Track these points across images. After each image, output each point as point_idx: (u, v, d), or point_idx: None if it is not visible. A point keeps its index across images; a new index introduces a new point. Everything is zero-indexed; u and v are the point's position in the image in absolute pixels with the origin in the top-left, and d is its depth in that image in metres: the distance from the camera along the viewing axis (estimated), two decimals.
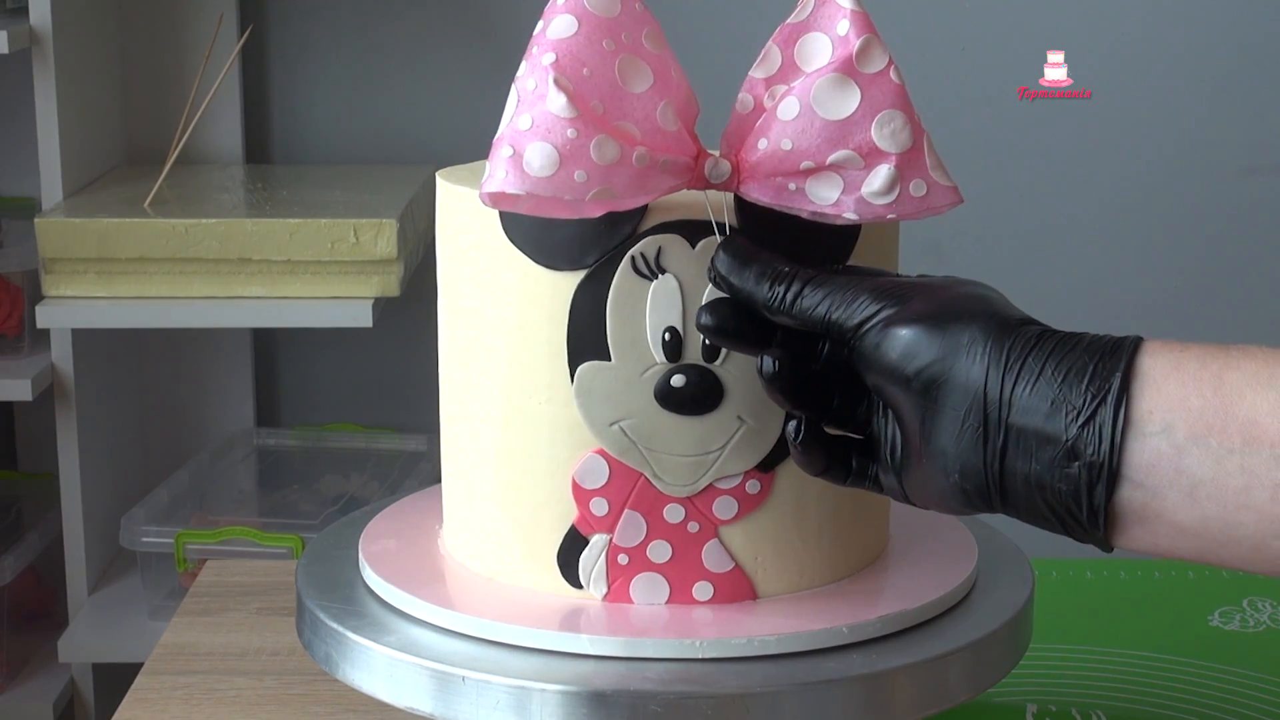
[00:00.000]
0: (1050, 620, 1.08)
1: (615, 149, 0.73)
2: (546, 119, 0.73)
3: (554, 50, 0.74)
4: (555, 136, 0.73)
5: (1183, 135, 2.17)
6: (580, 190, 0.73)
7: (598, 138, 0.73)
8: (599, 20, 0.75)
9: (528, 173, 0.73)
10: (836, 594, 0.82)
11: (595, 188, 0.73)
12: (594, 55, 0.74)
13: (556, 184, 0.72)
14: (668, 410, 0.78)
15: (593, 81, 0.74)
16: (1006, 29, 2.15)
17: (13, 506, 2.07)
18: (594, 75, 0.74)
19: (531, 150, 0.73)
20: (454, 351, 0.84)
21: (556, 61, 0.74)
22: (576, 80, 0.73)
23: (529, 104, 0.73)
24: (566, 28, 0.75)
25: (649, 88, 0.76)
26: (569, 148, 0.72)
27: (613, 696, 0.74)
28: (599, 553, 0.80)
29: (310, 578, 0.87)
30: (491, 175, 0.73)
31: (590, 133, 0.72)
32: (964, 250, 2.19)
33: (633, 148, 0.73)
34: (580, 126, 0.72)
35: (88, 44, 2.00)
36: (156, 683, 1.03)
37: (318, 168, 2.16)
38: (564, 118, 0.73)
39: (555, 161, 0.72)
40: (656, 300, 0.78)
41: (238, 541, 1.86)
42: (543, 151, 0.72)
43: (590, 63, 0.74)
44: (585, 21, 0.75)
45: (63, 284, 1.82)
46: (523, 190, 0.72)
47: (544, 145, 0.72)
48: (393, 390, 2.23)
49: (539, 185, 0.72)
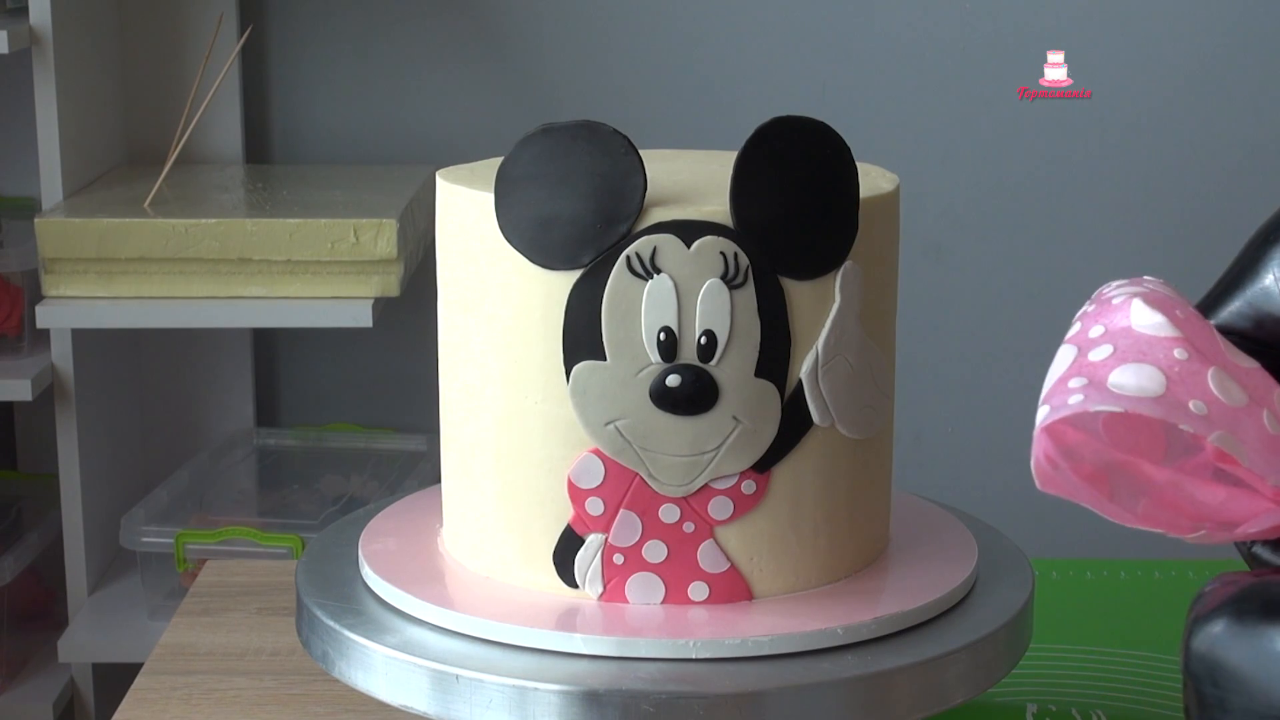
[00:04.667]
0: (1050, 620, 1.08)
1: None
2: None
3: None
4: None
5: (1183, 135, 2.17)
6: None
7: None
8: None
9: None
10: (833, 595, 0.82)
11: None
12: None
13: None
14: (663, 410, 0.78)
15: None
16: (1006, 29, 2.15)
17: (13, 506, 2.07)
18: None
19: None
20: (452, 351, 0.84)
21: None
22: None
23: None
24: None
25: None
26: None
27: (606, 696, 0.75)
28: (594, 552, 0.80)
29: (310, 577, 0.87)
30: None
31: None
32: (964, 250, 2.19)
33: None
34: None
35: (88, 44, 2.00)
36: (156, 683, 1.03)
37: (318, 168, 2.16)
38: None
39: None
40: (652, 300, 0.78)
41: (238, 541, 1.86)
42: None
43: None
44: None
45: (63, 284, 1.82)
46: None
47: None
48: (393, 390, 2.23)
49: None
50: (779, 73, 2.16)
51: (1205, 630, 0.70)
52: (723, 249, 0.78)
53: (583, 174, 0.78)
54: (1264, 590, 0.70)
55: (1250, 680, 0.69)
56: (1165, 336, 0.71)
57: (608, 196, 0.78)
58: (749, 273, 0.78)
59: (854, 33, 2.16)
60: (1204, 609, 0.71)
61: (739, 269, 0.78)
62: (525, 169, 0.79)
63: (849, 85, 2.16)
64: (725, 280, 0.78)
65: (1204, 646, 0.71)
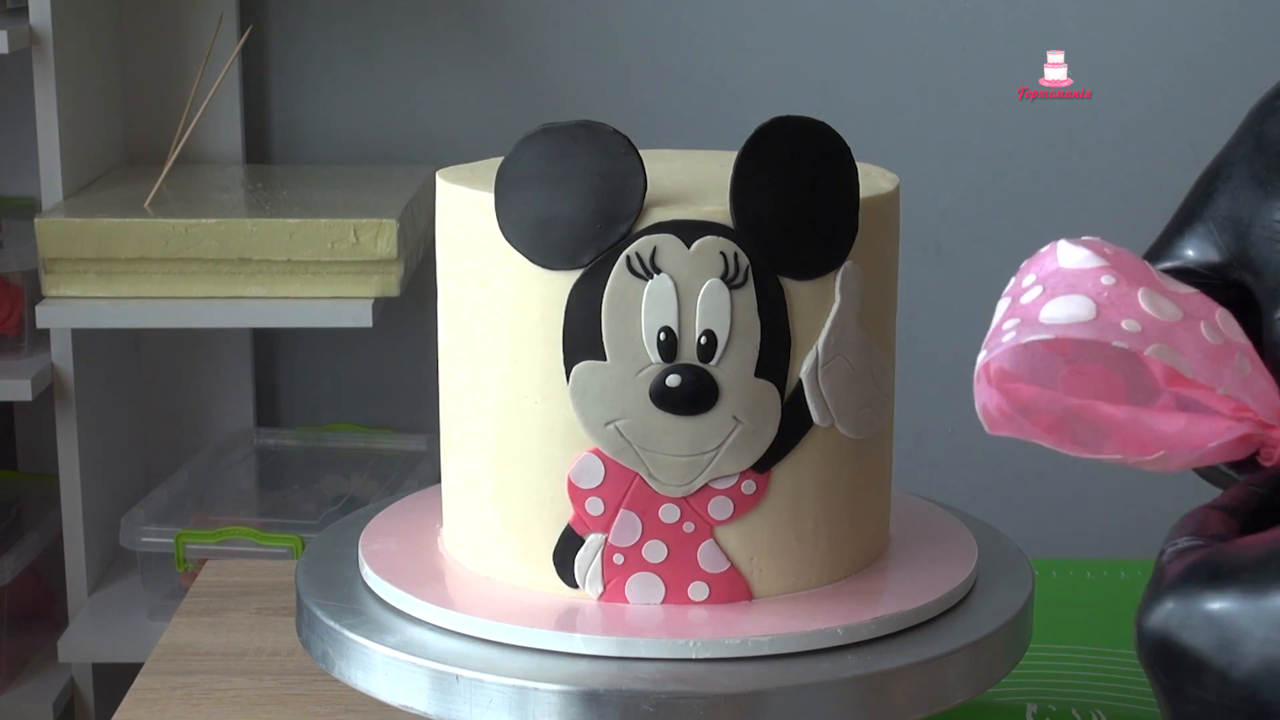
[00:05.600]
0: (1050, 620, 1.08)
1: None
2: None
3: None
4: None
5: (1182, 135, 2.17)
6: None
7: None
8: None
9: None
10: (833, 595, 0.82)
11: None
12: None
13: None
14: (663, 410, 0.78)
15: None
16: (1006, 29, 2.15)
17: (13, 506, 2.07)
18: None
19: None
20: (452, 351, 0.84)
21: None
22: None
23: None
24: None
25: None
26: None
27: (606, 696, 0.75)
28: (594, 552, 0.80)
29: (310, 577, 0.87)
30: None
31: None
32: (964, 250, 2.19)
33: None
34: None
35: (88, 44, 2.00)
36: (156, 683, 1.03)
37: (318, 168, 2.16)
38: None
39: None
40: (651, 300, 0.78)
41: (238, 541, 1.86)
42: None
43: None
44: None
45: (63, 284, 1.82)
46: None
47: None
48: (393, 390, 2.23)
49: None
50: (779, 73, 2.16)
51: (1153, 613, 0.65)
52: (723, 249, 0.78)
53: (583, 174, 0.78)
54: (1210, 559, 0.64)
55: (1208, 664, 0.63)
56: (1092, 267, 0.71)
57: (608, 196, 0.78)
58: (749, 273, 0.78)
59: (854, 33, 2.16)
60: (1152, 590, 0.66)
61: (739, 269, 0.78)
62: (525, 169, 0.79)
63: (849, 85, 2.16)
64: (725, 280, 0.78)
65: (1154, 630, 0.65)
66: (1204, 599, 0.64)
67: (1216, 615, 0.64)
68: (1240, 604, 0.63)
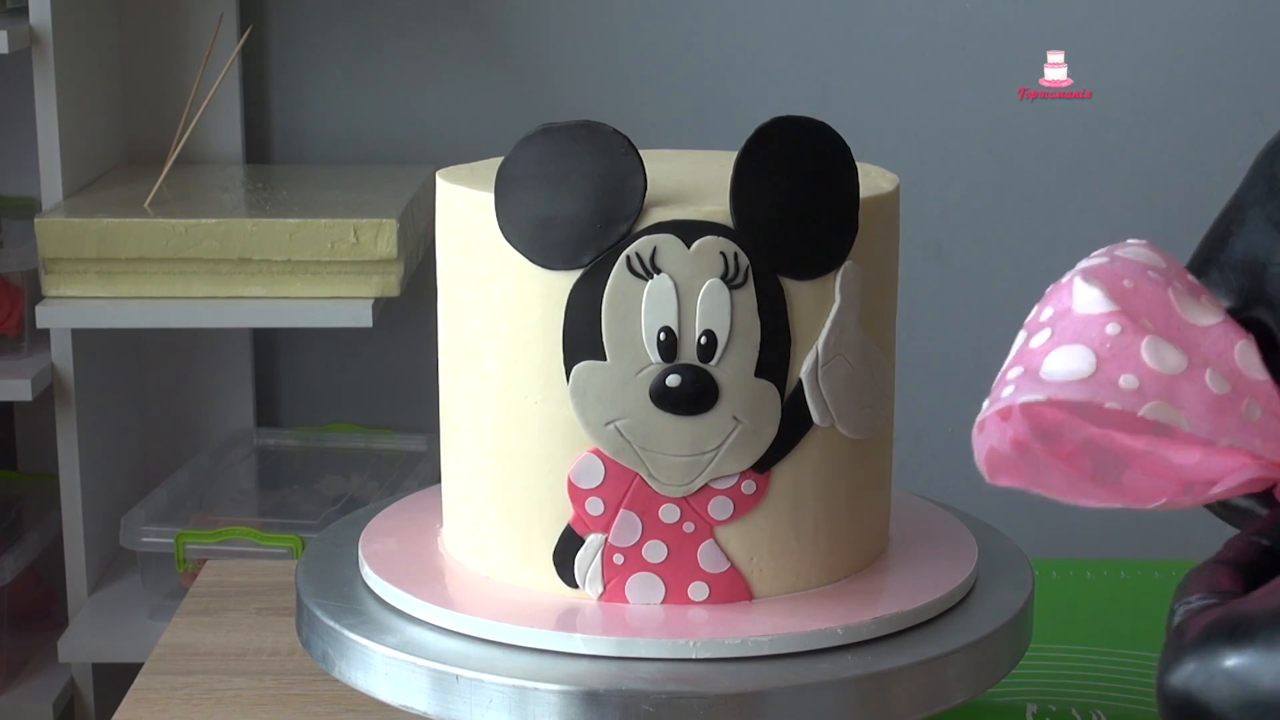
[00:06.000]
0: (1050, 620, 1.08)
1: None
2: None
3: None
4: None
5: (1182, 135, 2.17)
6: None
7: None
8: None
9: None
10: (833, 595, 0.82)
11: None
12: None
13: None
14: (663, 410, 0.78)
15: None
16: (1006, 29, 2.15)
17: (13, 506, 2.07)
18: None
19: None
20: (452, 351, 0.84)
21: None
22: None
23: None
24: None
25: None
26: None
27: (606, 696, 0.75)
28: (594, 552, 0.80)
29: (310, 577, 0.87)
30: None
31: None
32: (964, 250, 2.19)
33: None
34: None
35: (88, 44, 2.00)
36: (156, 683, 1.03)
37: (318, 168, 2.16)
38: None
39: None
40: (651, 300, 0.78)
41: (238, 541, 1.86)
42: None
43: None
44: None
45: (63, 284, 1.82)
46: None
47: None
48: (393, 390, 2.23)
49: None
50: (779, 73, 2.16)
51: (1175, 673, 0.65)
52: (723, 249, 0.78)
53: (583, 174, 0.78)
54: (1228, 617, 0.65)
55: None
56: (1100, 313, 0.71)
57: (608, 196, 0.78)
58: (749, 273, 0.78)
59: (854, 32, 2.16)
60: (1172, 651, 0.66)
61: (739, 269, 0.78)
62: (525, 169, 0.79)
63: (849, 85, 2.16)
64: (725, 280, 0.78)
65: (1176, 691, 0.65)
66: (1224, 656, 0.65)
67: (1236, 672, 0.64)
68: (1259, 659, 0.63)
